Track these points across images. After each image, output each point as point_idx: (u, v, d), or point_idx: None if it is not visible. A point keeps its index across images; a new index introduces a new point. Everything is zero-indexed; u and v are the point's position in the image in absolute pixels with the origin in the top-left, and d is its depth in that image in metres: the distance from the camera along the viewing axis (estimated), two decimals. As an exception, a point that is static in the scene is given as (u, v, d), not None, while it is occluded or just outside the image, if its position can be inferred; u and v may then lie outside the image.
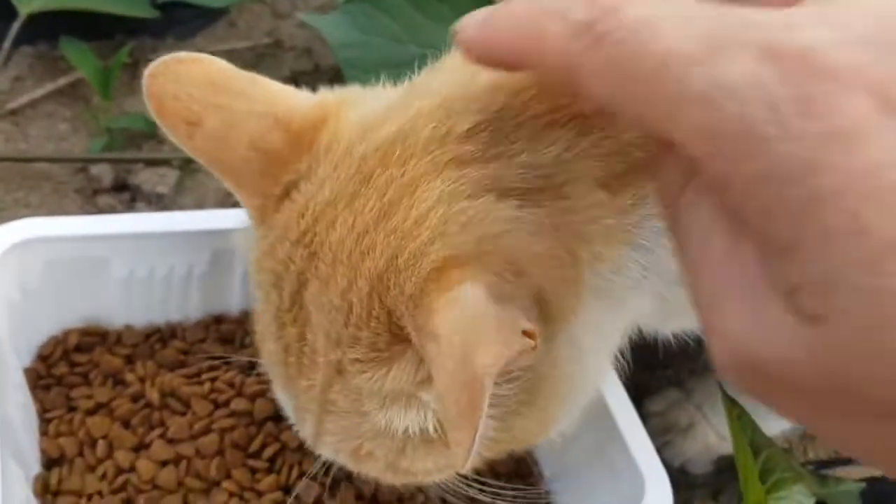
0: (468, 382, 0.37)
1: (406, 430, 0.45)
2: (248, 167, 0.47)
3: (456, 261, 0.40)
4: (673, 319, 0.55)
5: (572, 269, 0.44)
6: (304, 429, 0.51)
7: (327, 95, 0.49)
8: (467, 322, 0.38)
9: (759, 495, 0.70)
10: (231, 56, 1.05)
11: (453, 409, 0.38)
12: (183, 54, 0.47)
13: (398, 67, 0.84)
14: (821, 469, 0.85)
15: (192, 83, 0.46)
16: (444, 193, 0.41)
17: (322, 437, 0.49)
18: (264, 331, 0.50)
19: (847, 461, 0.88)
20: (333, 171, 0.44)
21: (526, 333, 0.38)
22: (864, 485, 0.80)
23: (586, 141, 0.43)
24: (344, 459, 0.50)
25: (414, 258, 0.41)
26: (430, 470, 0.49)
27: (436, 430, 0.45)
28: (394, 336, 0.42)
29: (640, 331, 0.55)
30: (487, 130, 0.42)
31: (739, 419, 0.70)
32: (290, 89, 0.49)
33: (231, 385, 0.69)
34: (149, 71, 0.46)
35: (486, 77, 0.44)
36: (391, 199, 0.42)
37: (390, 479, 0.50)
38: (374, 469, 0.49)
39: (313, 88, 1.09)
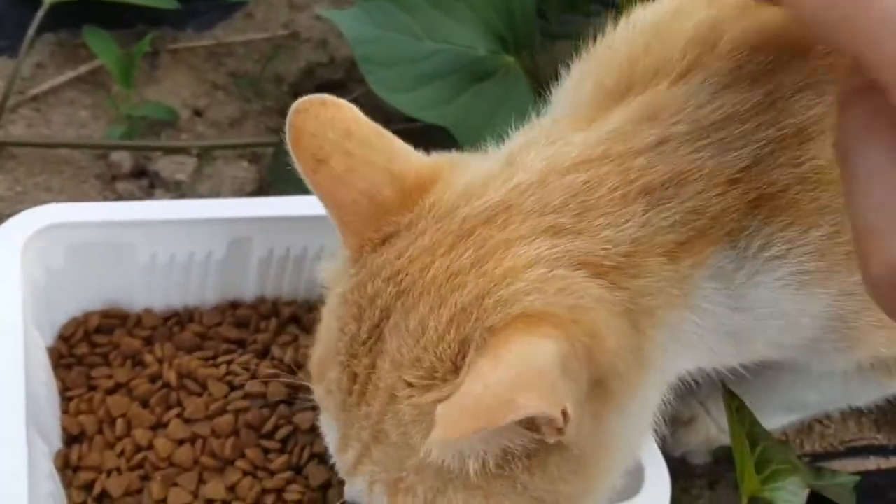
0: (503, 406, 0.40)
1: (447, 468, 0.47)
2: (356, 210, 0.51)
3: (549, 317, 0.44)
4: (730, 359, 0.58)
5: (639, 350, 0.48)
6: (345, 457, 0.52)
7: (440, 159, 0.54)
8: (533, 367, 0.41)
9: (755, 485, 0.72)
10: (248, 47, 1.09)
11: (473, 405, 0.40)
12: (328, 98, 0.51)
13: (415, 62, 0.88)
14: (816, 462, 0.87)
15: (329, 125, 0.50)
16: (541, 256, 0.46)
17: (362, 467, 0.51)
18: (330, 359, 0.52)
19: (842, 454, 0.90)
20: (435, 224, 0.49)
21: (563, 414, 0.41)
22: (858, 478, 0.82)
23: (655, 214, 0.48)
24: (378, 492, 0.52)
25: (503, 301, 0.45)
26: None
27: (475, 473, 0.46)
28: (455, 364, 0.45)
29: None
30: (576, 202, 0.48)
31: (738, 412, 0.72)
32: (408, 149, 0.53)
33: (246, 368, 0.71)
34: (295, 107, 0.50)
35: (575, 152, 0.50)
36: (487, 251, 0.47)
37: None
38: (412, 501, 0.50)
39: (328, 79, 1.11)
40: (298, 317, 0.76)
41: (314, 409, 0.70)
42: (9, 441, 0.55)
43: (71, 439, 0.66)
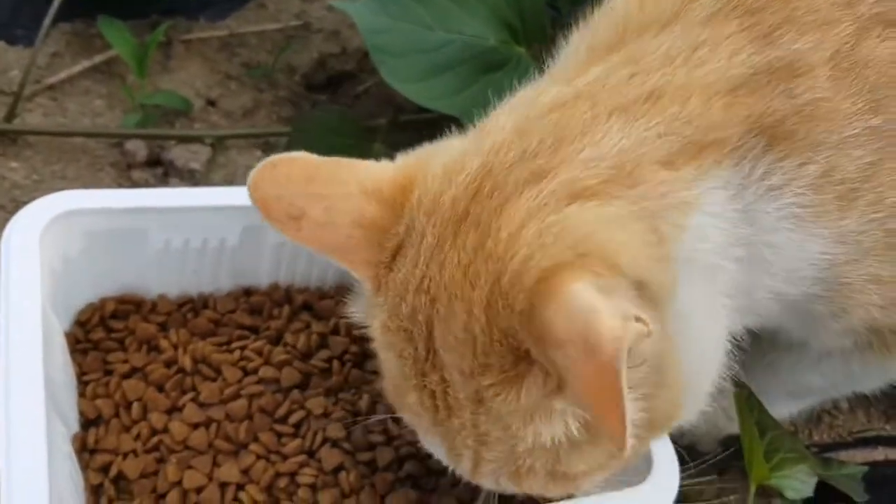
0: (601, 373, 0.41)
1: (553, 440, 0.49)
2: (354, 244, 0.52)
3: (557, 269, 0.44)
4: (743, 317, 0.59)
5: (660, 248, 0.49)
6: (462, 465, 0.54)
7: (408, 158, 0.54)
8: (581, 321, 0.41)
9: (764, 473, 0.73)
10: (260, 37, 1.10)
11: (597, 404, 0.42)
12: (275, 158, 0.52)
13: (426, 53, 0.88)
14: (825, 452, 0.87)
15: (289, 182, 0.51)
16: (529, 211, 0.47)
17: (481, 469, 0.53)
18: (402, 385, 0.53)
19: (851, 445, 0.91)
20: (429, 218, 0.50)
21: (637, 319, 0.42)
22: (866, 468, 0.83)
23: (636, 127, 0.50)
24: (505, 483, 0.54)
25: (516, 276, 0.46)
26: (586, 471, 0.52)
27: (579, 432, 0.48)
28: (516, 355, 0.46)
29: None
30: (551, 140, 0.49)
31: (747, 401, 0.72)
32: (372, 163, 0.54)
33: (259, 353, 0.72)
34: (250, 181, 0.51)
35: (545, 100, 0.52)
36: (484, 227, 0.48)
37: (553, 489, 0.54)
38: (537, 484, 0.53)
39: (340, 70, 1.12)
40: (311, 304, 0.77)
41: (326, 394, 0.71)
42: (29, 423, 0.56)
43: (88, 422, 0.67)
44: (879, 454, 0.91)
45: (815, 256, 0.55)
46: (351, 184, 0.52)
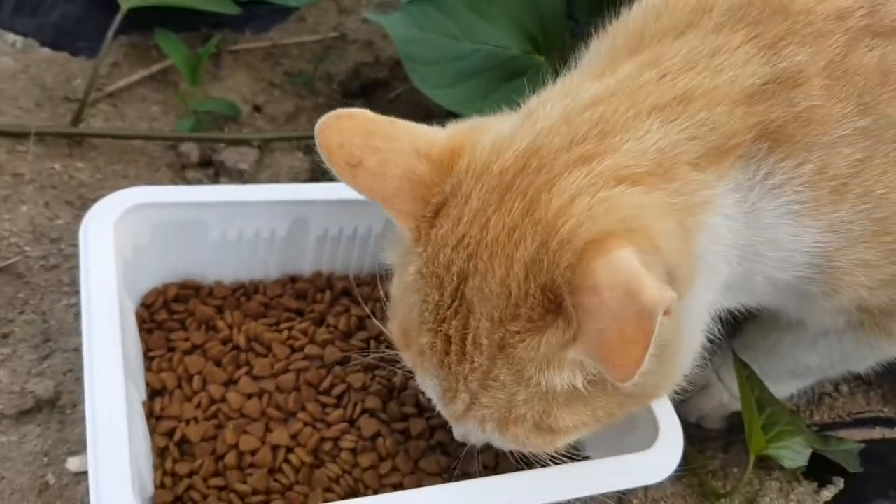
0: (638, 314, 0.46)
1: (556, 389, 0.54)
2: (401, 195, 0.56)
3: (608, 235, 0.50)
4: (736, 294, 0.65)
5: (686, 242, 0.55)
6: (454, 407, 0.59)
7: (458, 127, 0.60)
8: (626, 275, 0.47)
9: (762, 443, 0.79)
10: (301, 48, 1.19)
11: (618, 340, 0.47)
12: (342, 111, 0.56)
13: (454, 61, 0.96)
14: (825, 431, 0.93)
15: (351, 132, 0.56)
16: (580, 187, 0.53)
17: (472, 412, 0.58)
18: (416, 327, 0.58)
19: (849, 424, 0.96)
20: (476, 184, 0.55)
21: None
22: (863, 445, 0.89)
23: (672, 128, 0.56)
24: (491, 428, 0.58)
25: (566, 239, 0.51)
26: (569, 427, 0.57)
27: (584, 384, 0.54)
28: (546, 307, 0.52)
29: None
30: (597, 130, 0.55)
31: (748, 379, 0.79)
32: (425, 127, 0.59)
33: (305, 333, 0.80)
34: (318, 128, 0.56)
35: (588, 95, 0.58)
36: (532, 197, 0.53)
37: (531, 441, 0.59)
38: (520, 433, 0.57)
39: (374, 78, 1.19)
40: (349, 290, 0.85)
41: (365, 370, 0.79)
42: (111, 387, 0.63)
43: (154, 393, 0.75)
44: (877, 433, 0.95)
45: (808, 246, 0.61)
46: (405, 142, 0.57)
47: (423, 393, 0.69)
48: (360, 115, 0.57)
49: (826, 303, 0.67)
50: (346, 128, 0.56)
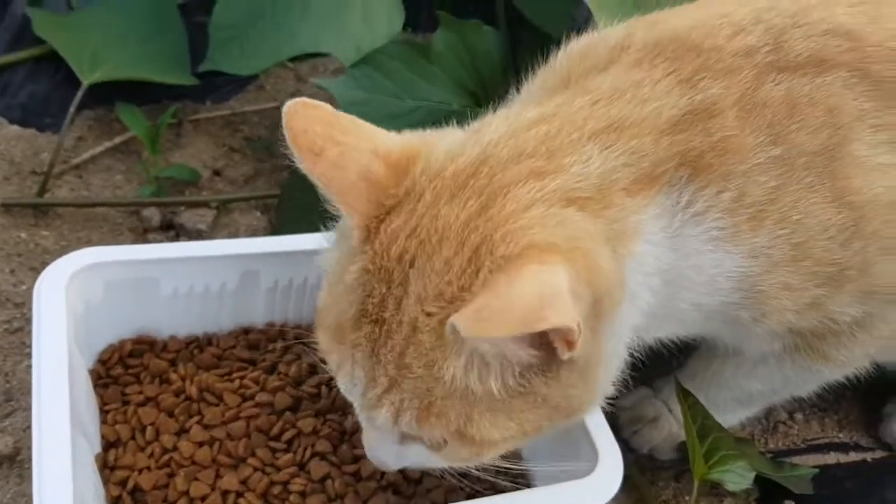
0: (535, 319, 0.48)
1: (472, 391, 0.55)
2: (357, 193, 0.58)
3: (551, 247, 0.53)
4: (664, 323, 0.68)
5: (619, 270, 0.58)
6: (371, 393, 0.58)
7: (411, 136, 0.63)
8: (551, 289, 0.49)
9: (703, 469, 0.80)
10: (260, 115, 1.24)
11: (497, 309, 0.48)
12: (308, 100, 0.58)
13: (398, 118, 1.01)
14: (778, 458, 0.94)
15: (315, 121, 0.57)
16: (535, 198, 0.56)
17: (388, 397, 0.57)
18: (354, 323, 0.58)
19: (803, 451, 0.97)
20: (430, 183, 0.58)
21: (578, 331, 0.50)
22: (816, 470, 0.90)
23: (609, 154, 0.59)
24: (407, 420, 0.57)
25: (512, 234, 0.54)
26: (495, 439, 0.58)
27: (499, 389, 0.55)
28: (461, 287, 0.53)
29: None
30: (544, 148, 0.59)
31: (691, 407, 0.80)
32: (382, 131, 0.61)
33: (256, 382, 0.82)
34: (286, 110, 0.57)
35: (528, 115, 0.62)
36: (487, 198, 0.56)
37: (455, 450, 0.59)
38: (440, 431, 0.57)
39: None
40: (301, 337, 0.86)
41: (316, 415, 0.81)
42: (57, 438, 0.65)
43: (109, 444, 0.77)
44: (831, 458, 0.96)
45: (731, 270, 0.63)
46: (364, 140, 0.58)
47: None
48: (325, 107, 0.59)
49: (757, 328, 0.69)
50: (312, 116, 0.58)
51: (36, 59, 1.21)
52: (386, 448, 0.64)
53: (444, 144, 0.61)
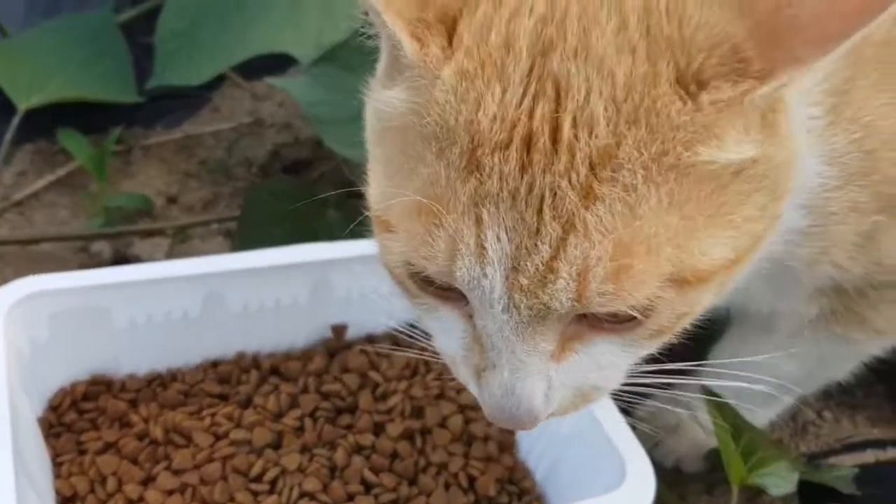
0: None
1: (714, 171, 0.43)
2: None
3: None
4: None
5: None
6: (537, 254, 0.42)
7: None
8: None
9: (741, 473, 0.72)
10: (216, 137, 1.16)
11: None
12: None
13: (362, 119, 0.92)
14: (814, 460, 0.87)
15: None
16: None
17: (565, 255, 0.42)
18: (469, 167, 0.43)
19: (840, 451, 0.91)
20: None
21: None
22: (857, 470, 0.83)
23: None
24: (601, 279, 0.42)
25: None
26: (714, 267, 0.44)
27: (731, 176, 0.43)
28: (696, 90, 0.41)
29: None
30: None
31: (719, 408, 0.73)
32: None
33: (230, 418, 0.73)
34: None
35: None
36: None
37: (656, 321, 0.45)
38: (651, 279, 0.42)
39: (294, 159, 1.16)
40: (278, 367, 0.78)
41: (301, 450, 0.71)
42: (1, 498, 0.57)
43: (65, 501, 0.67)
44: (869, 457, 0.90)
45: (812, 180, 0.54)
46: None
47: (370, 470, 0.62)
48: None
49: (806, 277, 0.63)
50: None
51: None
52: (536, 376, 0.46)
53: None
